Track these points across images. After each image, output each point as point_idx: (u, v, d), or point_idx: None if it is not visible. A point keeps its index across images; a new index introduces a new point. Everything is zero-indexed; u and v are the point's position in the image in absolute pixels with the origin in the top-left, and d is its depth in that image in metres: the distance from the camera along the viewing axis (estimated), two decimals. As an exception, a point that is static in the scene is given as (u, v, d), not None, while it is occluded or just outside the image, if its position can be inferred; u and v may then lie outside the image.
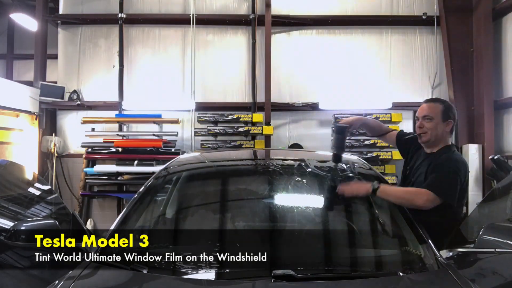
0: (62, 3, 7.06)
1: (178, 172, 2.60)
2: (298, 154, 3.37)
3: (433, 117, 2.37)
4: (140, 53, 7.00)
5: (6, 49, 10.61)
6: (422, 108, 2.43)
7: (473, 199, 5.96)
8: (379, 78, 6.86)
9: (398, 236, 2.09)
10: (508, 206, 2.37)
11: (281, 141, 6.82)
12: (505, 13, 6.25)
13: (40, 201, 2.90)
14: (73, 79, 6.96)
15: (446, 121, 2.37)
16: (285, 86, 6.88)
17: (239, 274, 1.73)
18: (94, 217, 6.82)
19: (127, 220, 2.11)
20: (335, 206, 2.15)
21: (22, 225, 1.98)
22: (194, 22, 6.76)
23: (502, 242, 1.82)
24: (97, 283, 1.70)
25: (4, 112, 6.12)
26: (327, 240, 2.04)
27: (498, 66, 6.37)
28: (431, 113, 2.38)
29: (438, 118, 2.36)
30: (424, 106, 2.43)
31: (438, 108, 2.38)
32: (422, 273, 1.74)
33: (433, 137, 2.39)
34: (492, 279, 1.93)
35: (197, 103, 6.70)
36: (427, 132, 2.38)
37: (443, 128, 2.37)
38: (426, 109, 2.40)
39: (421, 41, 6.91)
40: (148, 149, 6.42)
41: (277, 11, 6.86)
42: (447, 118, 2.37)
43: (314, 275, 1.68)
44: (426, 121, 2.38)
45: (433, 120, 2.36)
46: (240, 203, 2.34)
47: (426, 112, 2.39)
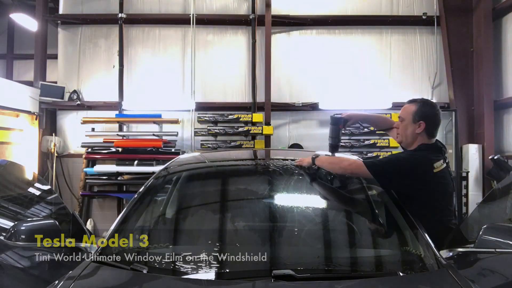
0: (62, 3, 7.06)
1: (178, 172, 2.60)
2: (298, 154, 3.37)
3: (404, 119, 2.38)
4: (140, 53, 7.01)
5: (6, 49, 10.62)
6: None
7: (473, 199, 5.97)
8: (379, 78, 6.86)
9: (398, 236, 2.09)
10: (508, 206, 2.37)
11: (281, 141, 6.82)
12: (505, 13, 6.25)
13: (40, 201, 2.90)
14: (73, 79, 6.97)
15: (416, 122, 2.33)
16: (285, 86, 6.88)
17: (239, 274, 1.73)
18: (94, 217, 6.83)
19: (127, 220, 2.11)
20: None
21: (22, 225, 1.98)
22: (194, 22, 6.76)
23: (502, 242, 1.82)
24: (97, 283, 1.70)
25: (4, 112, 6.12)
26: (327, 240, 2.04)
27: (498, 66, 6.37)
28: (403, 115, 2.40)
29: (408, 119, 2.36)
30: (402, 108, 2.45)
31: (411, 109, 2.36)
32: (422, 273, 1.74)
33: (403, 138, 2.40)
34: (492, 279, 1.92)
35: (197, 103, 6.71)
36: (399, 132, 2.42)
37: (413, 129, 2.34)
38: (401, 110, 2.44)
39: (421, 41, 6.91)
40: (148, 149, 6.42)
41: (277, 11, 6.86)
42: (418, 119, 2.32)
43: (314, 275, 1.68)
44: (400, 122, 2.41)
45: (404, 121, 2.39)
46: (240, 203, 2.34)
47: (400, 113, 2.43)
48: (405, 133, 2.38)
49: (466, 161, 6.25)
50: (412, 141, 2.37)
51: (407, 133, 2.37)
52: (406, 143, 2.40)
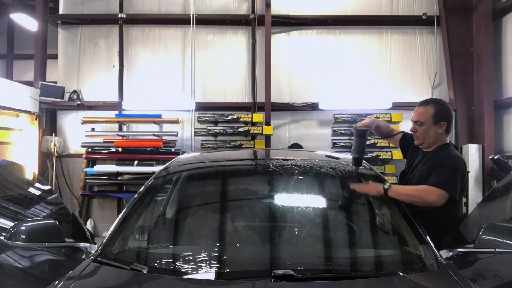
0: (62, 3, 7.06)
1: (178, 172, 2.60)
2: (298, 154, 3.37)
3: (424, 122, 2.42)
4: (140, 53, 7.01)
5: (6, 49, 10.62)
6: (414, 112, 2.49)
7: (473, 199, 5.96)
8: (379, 78, 6.86)
9: (398, 236, 2.09)
10: (508, 206, 2.37)
11: (281, 141, 6.82)
12: (505, 13, 6.25)
13: (40, 201, 2.90)
14: (73, 79, 6.97)
15: (438, 123, 2.41)
16: (285, 86, 6.88)
17: (239, 274, 1.73)
18: (94, 217, 6.83)
19: (127, 220, 2.11)
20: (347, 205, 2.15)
21: (22, 225, 1.98)
22: (194, 22, 6.76)
23: (502, 242, 1.82)
24: (97, 283, 1.70)
25: (4, 112, 6.12)
26: (327, 240, 2.04)
27: (498, 66, 6.37)
28: (421, 118, 2.43)
29: (429, 122, 2.41)
30: (416, 110, 2.48)
31: (429, 112, 2.41)
32: (422, 273, 1.74)
33: (425, 140, 2.46)
34: (492, 279, 1.92)
35: (197, 103, 6.71)
36: (419, 136, 2.46)
37: (435, 130, 2.42)
38: (417, 114, 2.46)
39: (421, 41, 6.91)
40: (148, 149, 6.42)
41: (277, 11, 6.86)
42: (439, 121, 2.40)
43: (314, 275, 1.68)
44: (418, 126, 2.45)
45: (424, 125, 2.43)
46: (240, 203, 2.34)
47: (417, 118, 2.45)
48: (427, 136, 2.43)
49: (466, 161, 6.17)
50: (434, 141, 2.45)
51: (430, 135, 2.43)
52: (428, 144, 2.46)
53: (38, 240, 1.93)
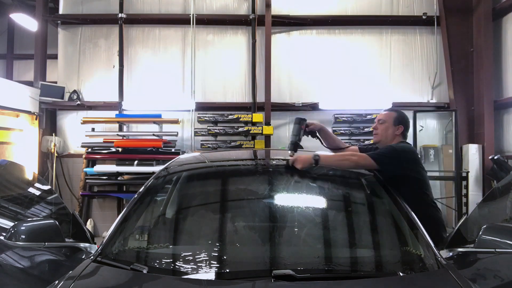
0: (62, 3, 7.07)
1: (178, 172, 2.59)
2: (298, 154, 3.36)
3: (385, 121, 2.74)
4: (140, 53, 7.01)
5: (6, 49, 10.62)
6: (379, 114, 2.82)
7: (473, 199, 5.96)
8: (379, 78, 6.87)
9: (398, 236, 2.09)
10: (508, 206, 2.38)
11: (281, 141, 6.82)
12: (505, 13, 6.26)
13: (40, 201, 2.90)
14: (73, 79, 6.97)
15: (397, 125, 2.71)
16: (285, 86, 6.89)
17: (239, 274, 1.73)
18: (94, 217, 6.83)
19: (127, 220, 2.10)
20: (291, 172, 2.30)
21: (22, 225, 1.98)
22: (194, 22, 6.77)
23: (502, 242, 1.82)
24: (97, 283, 1.70)
25: (4, 112, 6.13)
26: (327, 240, 2.04)
27: (498, 66, 6.37)
28: (384, 118, 2.75)
29: (390, 122, 2.72)
30: (381, 113, 2.82)
31: (392, 115, 2.75)
32: (422, 273, 1.73)
33: (383, 138, 2.73)
34: (492, 279, 1.92)
35: (197, 103, 6.71)
36: (379, 133, 2.76)
37: (393, 131, 2.71)
38: (381, 115, 2.80)
39: (421, 41, 6.91)
40: (148, 149, 6.43)
41: (277, 11, 6.87)
42: (398, 123, 2.71)
43: (314, 275, 1.68)
44: (379, 124, 2.75)
45: (385, 123, 2.73)
46: (240, 203, 2.33)
47: (381, 117, 2.78)
48: (386, 133, 2.73)
49: (466, 161, 6.25)
50: (391, 141, 2.72)
51: (388, 133, 2.72)
52: (385, 142, 2.72)
53: (38, 240, 1.93)
